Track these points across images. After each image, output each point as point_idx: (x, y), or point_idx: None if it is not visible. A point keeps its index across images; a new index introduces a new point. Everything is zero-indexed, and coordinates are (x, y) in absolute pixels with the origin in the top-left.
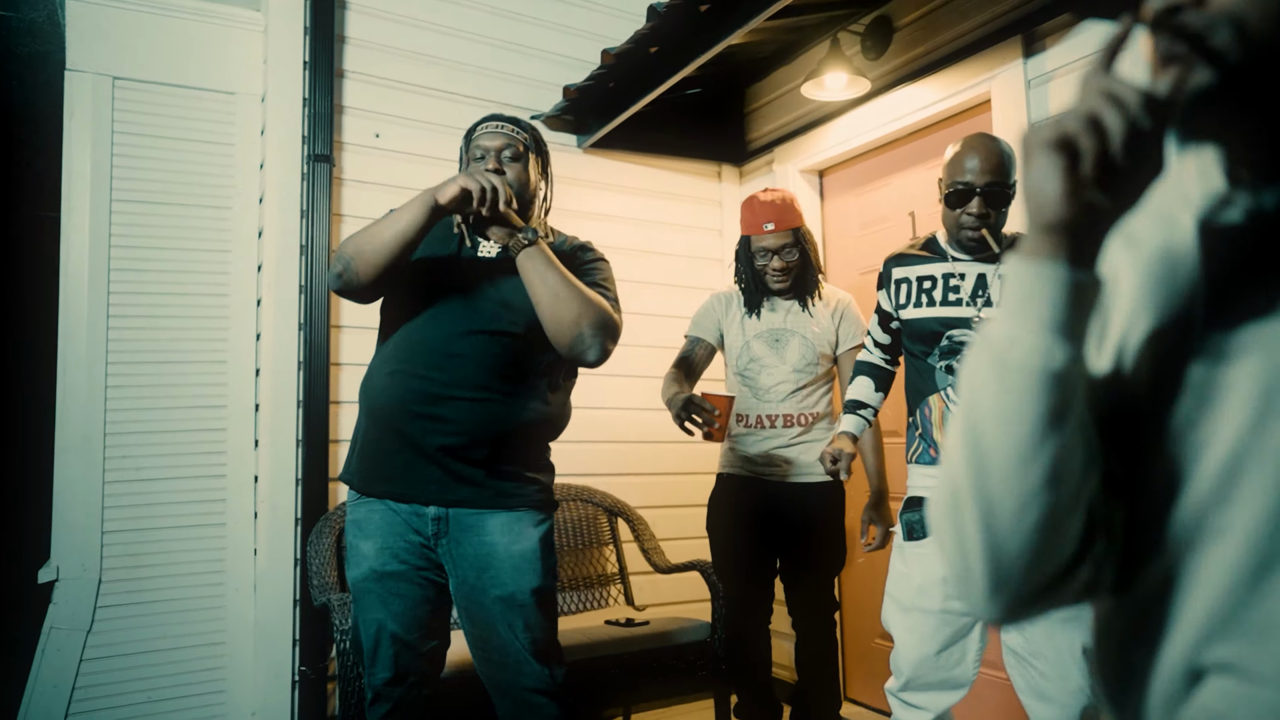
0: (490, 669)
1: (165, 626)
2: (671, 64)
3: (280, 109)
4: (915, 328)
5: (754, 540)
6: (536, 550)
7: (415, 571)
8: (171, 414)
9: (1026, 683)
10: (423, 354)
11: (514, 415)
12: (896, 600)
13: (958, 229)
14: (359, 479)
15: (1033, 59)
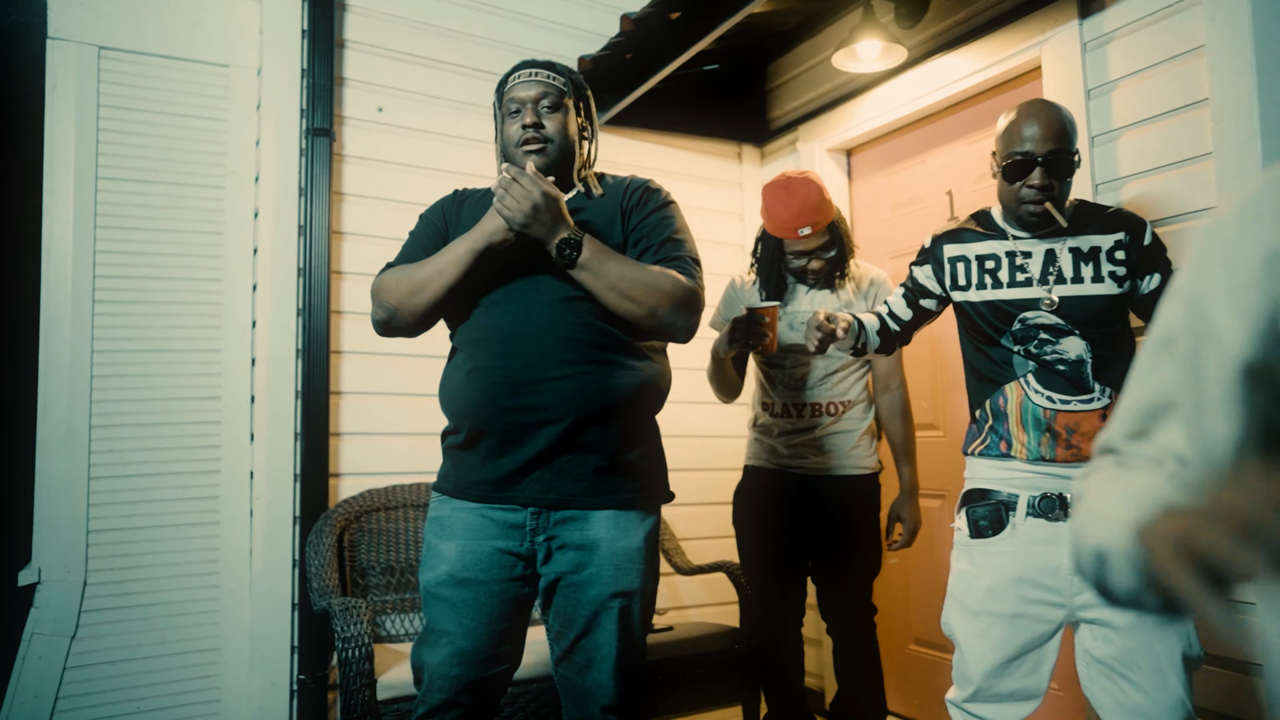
0: (569, 670)
1: (155, 632)
2: (694, 31)
3: (277, 80)
4: (983, 312)
5: (784, 537)
6: (641, 549)
7: (497, 583)
8: (162, 405)
9: (1116, 699)
10: (499, 342)
11: (613, 383)
12: (962, 604)
13: (1018, 204)
14: (453, 483)
15: (1089, 19)
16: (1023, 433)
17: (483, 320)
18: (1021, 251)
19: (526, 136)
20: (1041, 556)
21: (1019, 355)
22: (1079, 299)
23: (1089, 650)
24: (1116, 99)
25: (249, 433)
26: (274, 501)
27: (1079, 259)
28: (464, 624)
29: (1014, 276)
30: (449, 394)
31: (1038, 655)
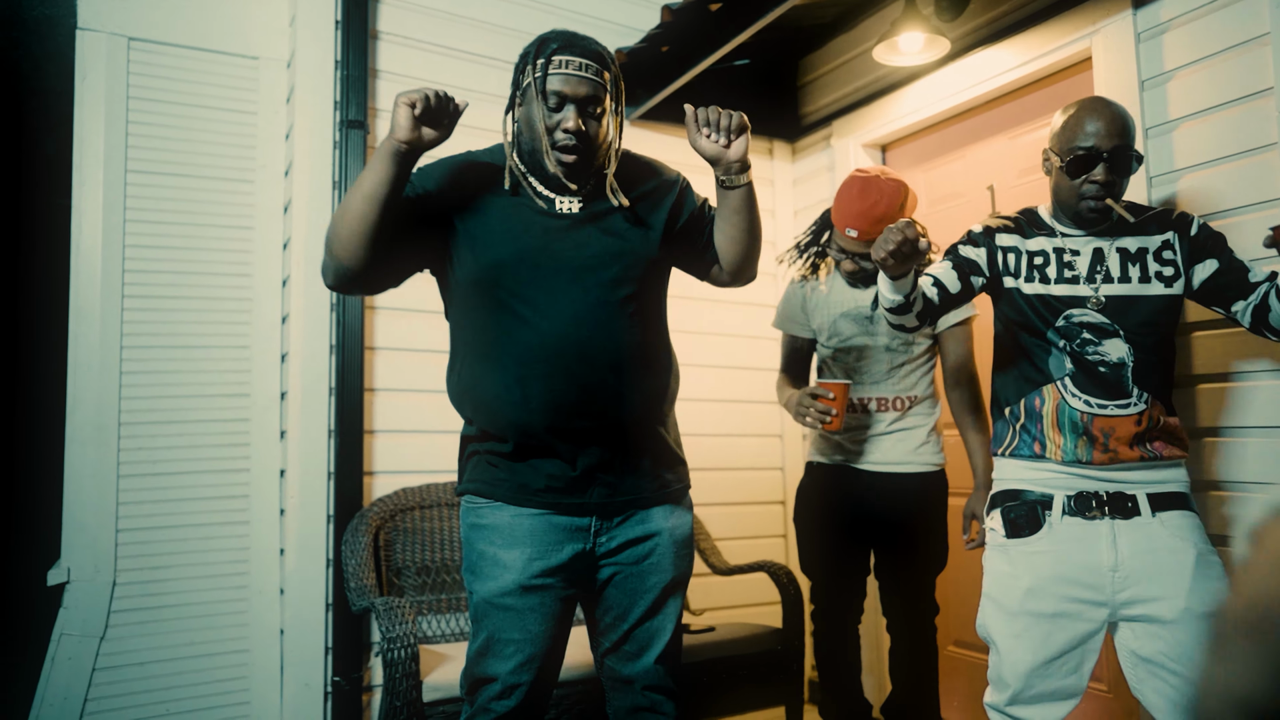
0: (618, 660)
1: (184, 633)
2: (734, 23)
3: (310, 71)
4: (1031, 303)
5: (846, 534)
6: (692, 536)
7: (561, 587)
8: (191, 402)
9: (1169, 698)
10: (554, 348)
11: (661, 383)
12: (1000, 604)
13: (1078, 199)
14: (508, 490)
15: (1144, 9)
16: (1059, 435)
17: (528, 325)
18: (1070, 249)
19: (568, 144)
20: (1081, 554)
21: (1060, 351)
22: (1126, 299)
23: (1134, 650)
24: (1172, 90)
25: (279, 430)
26: (307, 500)
27: (1126, 259)
28: (531, 630)
29: (1061, 273)
30: (491, 402)
31: (1079, 654)
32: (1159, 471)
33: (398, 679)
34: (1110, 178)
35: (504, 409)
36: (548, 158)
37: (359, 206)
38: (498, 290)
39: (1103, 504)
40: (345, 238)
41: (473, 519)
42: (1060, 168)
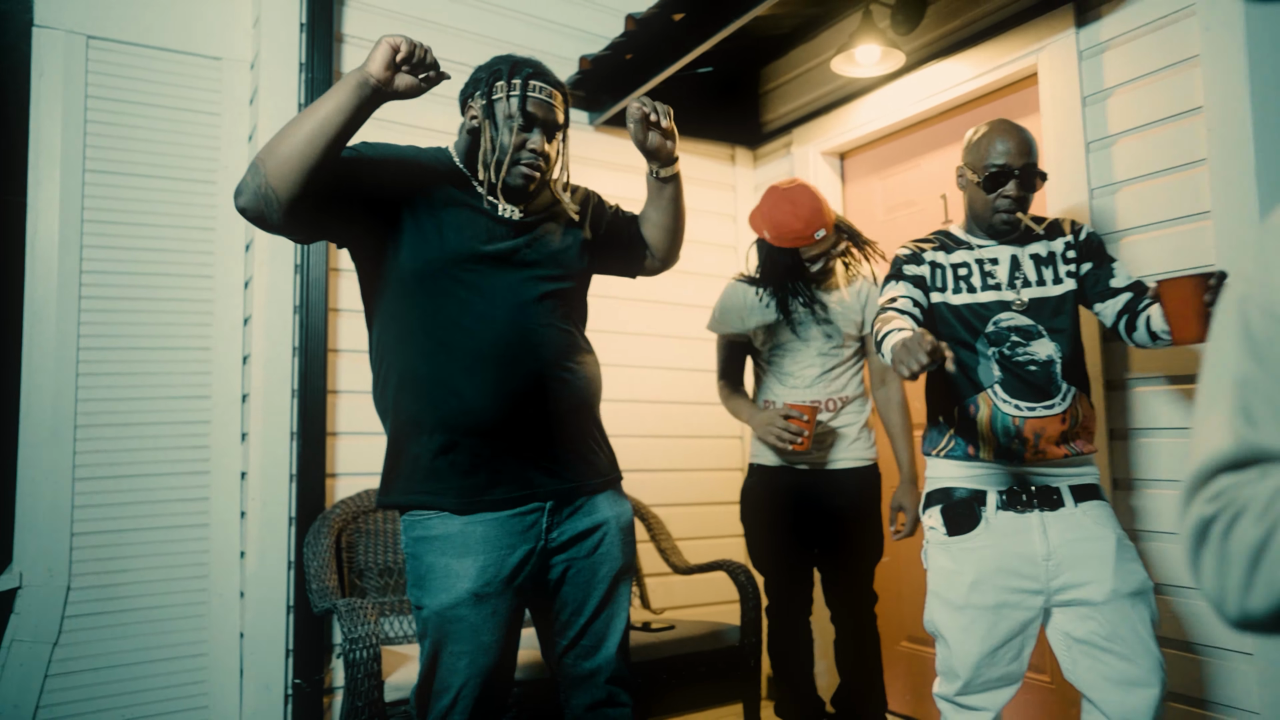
0: (576, 656)
1: (141, 637)
2: (696, 34)
3: (274, 73)
4: (960, 314)
5: (791, 531)
6: (633, 523)
7: (514, 593)
8: (150, 404)
9: (1102, 674)
10: (509, 342)
11: (592, 373)
12: (946, 599)
13: (992, 212)
14: (452, 497)
15: (1086, 28)
16: (991, 440)
17: (475, 318)
18: (989, 259)
19: (534, 162)
20: (1016, 546)
21: (990, 359)
22: (1044, 299)
23: (1069, 633)
24: (1112, 106)
25: (240, 432)
26: (268, 502)
27: (1039, 263)
28: (483, 641)
29: (985, 281)
30: (436, 397)
31: (1020, 641)
32: (1079, 466)
33: (360, 679)
34: (1021, 193)
35: (454, 399)
36: (510, 171)
37: (308, 129)
38: (445, 283)
39: (1032, 498)
40: (283, 158)
41: (420, 531)
42: (977, 183)
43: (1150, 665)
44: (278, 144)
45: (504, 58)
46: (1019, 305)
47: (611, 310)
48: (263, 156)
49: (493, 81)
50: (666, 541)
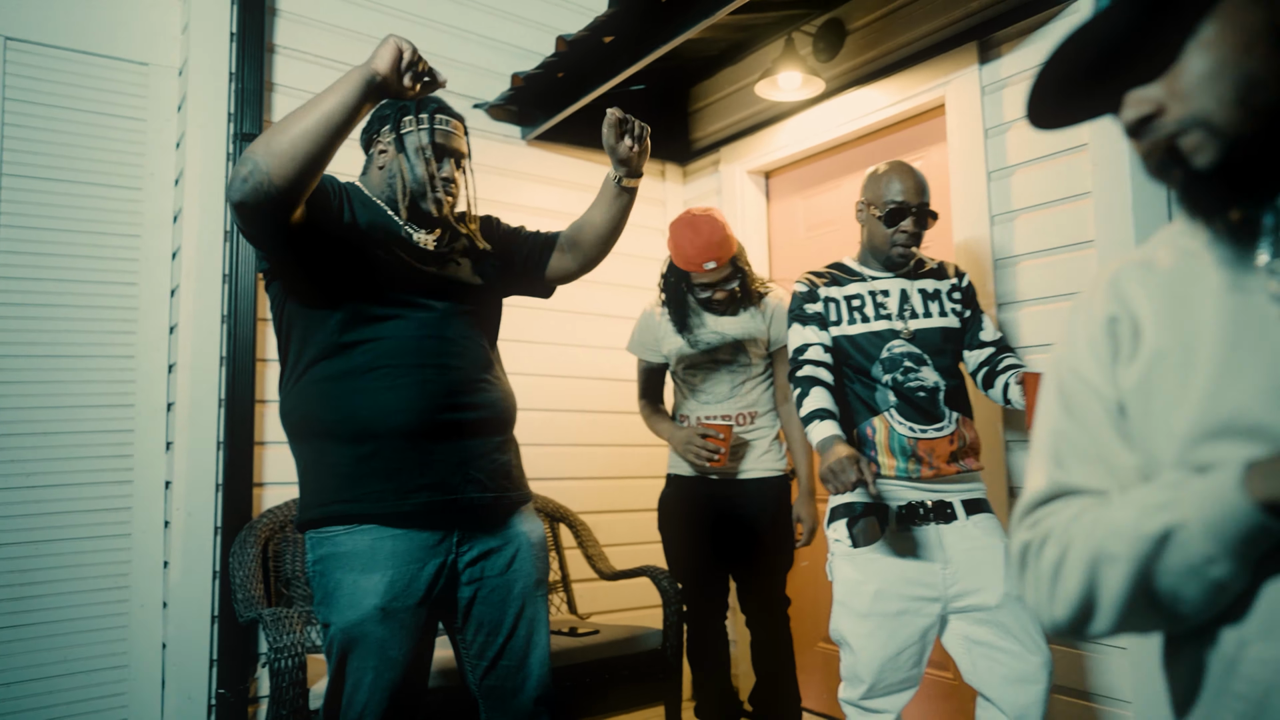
0: (497, 678)
1: (59, 650)
2: (626, 56)
3: (203, 82)
4: (856, 343)
5: (706, 538)
6: (544, 539)
7: (423, 607)
8: (71, 413)
9: (998, 673)
10: (428, 352)
11: (508, 389)
12: (851, 608)
13: (890, 245)
14: (374, 503)
15: (988, 65)
16: (891, 458)
17: (396, 332)
18: (880, 291)
19: (449, 190)
20: (916, 557)
21: (885, 385)
22: (930, 330)
23: (967, 636)
24: (1011, 138)
25: (165, 441)
26: (194, 511)
27: (926, 298)
28: (391, 656)
29: (878, 311)
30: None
31: (920, 646)
32: (969, 482)
33: (285, 688)
34: (916, 229)
35: (373, 408)
36: (427, 200)
37: (312, 122)
38: (368, 301)
39: (928, 512)
40: (284, 149)
41: (327, 549)
42: (879, 217)
43: (1040, 662)
44: (277, 136)
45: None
46: (906, 334)
47: (541, 321)
48: (258, 150)
49: (400, 116)
50: (594, 548)
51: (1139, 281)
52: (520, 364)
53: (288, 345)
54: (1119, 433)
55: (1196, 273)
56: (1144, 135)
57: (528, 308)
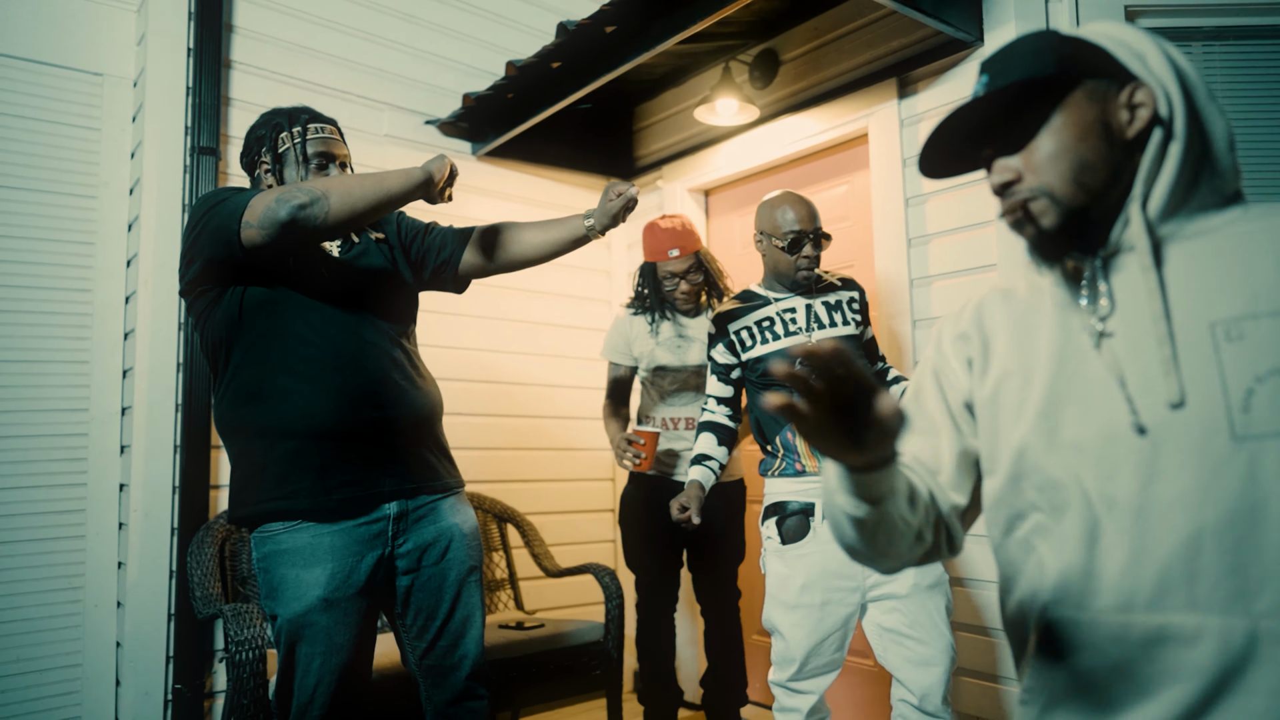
0: (435, 658)
1: (13, 649)
2: (573, 81)
3: (160, 96)
4: (769, 361)
5: (664, 534)
6: (477, 528)
7: (364, 596)
8: (24, 418)
9: (904, 657)
10: (346, 354)
11: (431, 389)
12: (780, 600)
13: (795, 270)
14: (304, 498)
15: (906, 100)
16: (812, 460)
17: (316, 336)
18: (787, 310)
19: None
20: (838, 552)
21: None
22: (838, 339)
23: (879, 623)
24: None
25: (119, 444)
26: (150, 513)
27: (830, 310)
28: (336, 641)
29: (788, 329)
30: (287, 406)
31: (842, 633)
32: None
33: (245, 679)
34: (815, 252)
35: (299, 407)
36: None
37: (376, 192)
38: (288, 312)
39: None
40: (351, 199)
41: (270, 547)
42: (781, 247)
43: (942, 647)
44: (350, 189)
45: (275, 112)
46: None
47: (490, 329)
48: (332, 191)
49: (275, 135)
50: (540, 547)
51: (1000, 307)
52: (468, 371)
53: (216, 354)
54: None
55: (1041, 305)
56: (1005, 196)
57: (477, 317)
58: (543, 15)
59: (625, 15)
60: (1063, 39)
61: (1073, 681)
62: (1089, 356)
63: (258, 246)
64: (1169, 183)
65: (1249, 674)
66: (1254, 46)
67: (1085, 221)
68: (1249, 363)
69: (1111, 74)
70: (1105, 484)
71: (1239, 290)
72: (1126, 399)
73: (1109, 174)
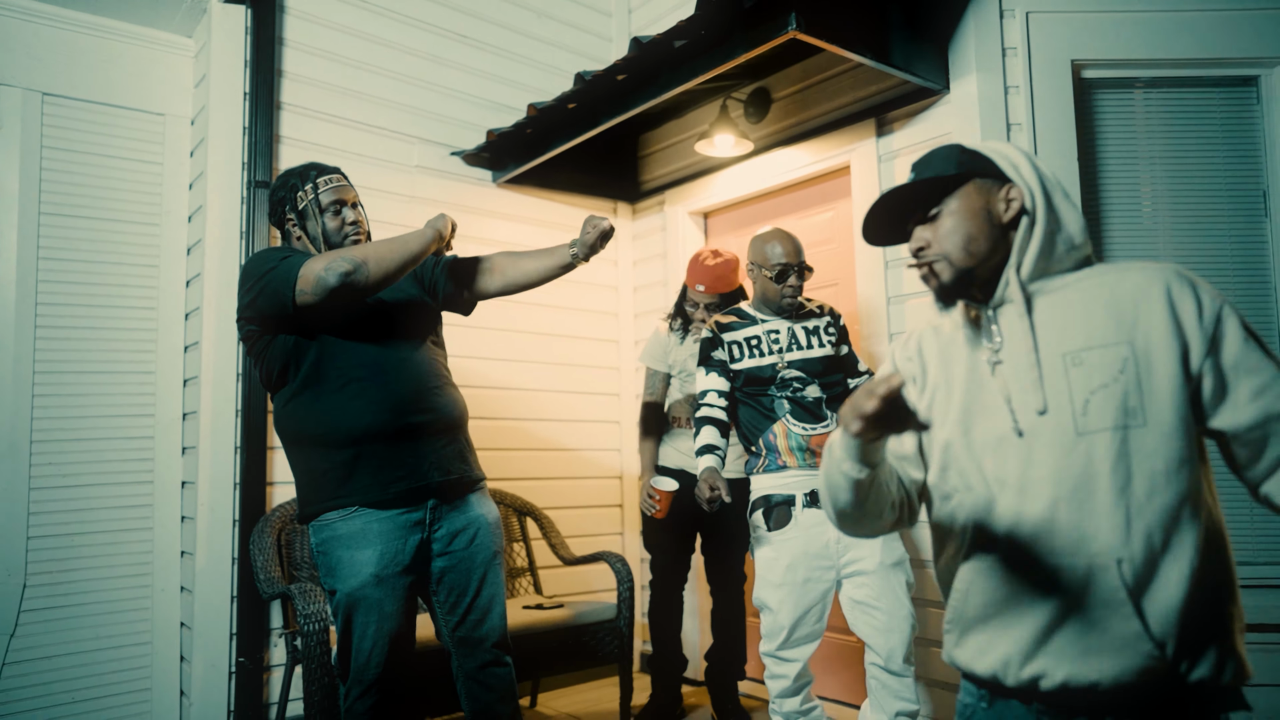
0: (465, 630)
1: (91, 628)
2: (586, 121)
3: (220, 135)
4: (754, 374)
5: (684, 521)
6: (499, 518)
7: (407, 573)
8: (99, 422)
9: (872, 625)
10: (388, 370)
11: (459, 396)
12: (768, 580)
13: (781, 297)
14: (362, 495)
15: (884, 138)
16: (792, 456)
17: (366, 360)
18: (772, 331)
19: (356, 232)
20: (817, 536)
21: (780, 399)
22: (811, 359)
23: (851, 596)
24: None
25: (181, 446)
26: (215, 507)
27: (808, 334)
28: (387, 610)
29: (770, 348)
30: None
31: (821, 607)
32: None
33: (313, 646)
34: (799, 282)
35: (354, 421)
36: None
37: (401, 254)
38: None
39: None
40: (385, 263)
41: (328, 533)
42: (770, 277)
43: (903, 615)
44: (383, 255)
45: (288, 173)
46: (783, 365)
47: (512, 342)
48: (369, 259)
49: (293, 194)
50: (556, 538)
51: (932, 340)
52: (494, 379)
53: (273, 379)
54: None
55: (958, 340)
56: (918, 257)
57: (502, 330)
58: (557, 54)
59: (636, 67)
60: (965, 150)
61: (978, 611)
62: (987, 379)
63: (310, 306)
64: (1033, 255)
65: (1085, 598)
66: (1184, 93)
67: (972, 279)
68: (1086, 381)
69: (996, 176)
70: (998, 470)
71: (1080, 329)
72: (1010, 410)
73: (990, 246)
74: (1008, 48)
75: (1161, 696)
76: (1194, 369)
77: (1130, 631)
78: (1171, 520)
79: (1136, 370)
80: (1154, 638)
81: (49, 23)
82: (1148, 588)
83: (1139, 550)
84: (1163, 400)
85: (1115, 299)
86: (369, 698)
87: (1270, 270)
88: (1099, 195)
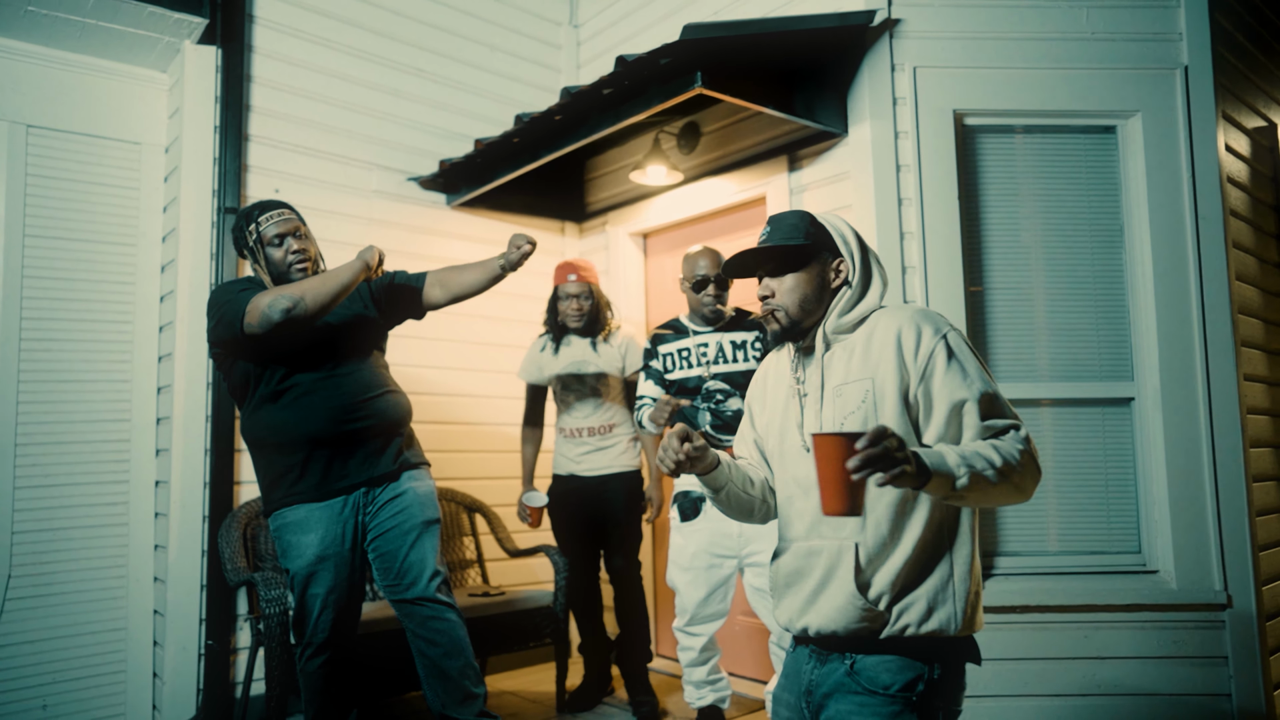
0: (400, 592)
1: (71, 615)
2: (529, 154)
3: (193, 165)
4: (682, 384)
5: (582, 519)
6: (433, 491)
7: (349, 552)
8: (79, 426)
9: (767, 609)
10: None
11: (401, 400)
12: (678, 564)
13: (701, 305)
14: (315, 491)
15: (795, 173)
16: None
17: (321, 372)
18: (701, 344)
19: (301, 261)
20: (721, 529)
21: (703, 410)
22: (735, 372)
23: (751, 584)
24: None
25: (155, 449)
26: (186, 504)
27: (735, 347)
28: (331, 584)
29: (699, 360)
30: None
31: (724, 589)
32: None
33: (274, 628)
34: (718, 292)
35: (306, 428)
36: (291, 272)
37: (334, 287)
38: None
39: None
40: (321, 296)
41: (279, 522)
42: (690, 286)
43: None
44: (319, 290)
45: (239, 214)
46: (709, 375)
47: (460, 352)
48: (307, 294)
49: (242, 233)
50: (502, 531)
51: (772, 368)
52: (443, 386)
53: (238, 391)
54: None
55: (783, 371)
56: (764, 302)
57: (451, 341)
58: (510, 85)
59: (570, 111)
60: (812, 220)
61: (783, 579)
62: (793, 405)
63: (257, 336)
64: (838, 315)
65: (837, 569)
66: (1054, 138)
67: (799, 328)
68: (843, 408)
69: (831, 248)
70: (798, 474)
71: (845, 368)
72: (801, 432)
73: (818, 305)
74: (898, 97)
75: (888, 641)
76: (911, 396)
77: (855, 594)
78: (896, 514)
79: (874, 398)
80: (870, 600)
81: (34, 61)
82: (876, 563)
83: (871, 536)
84: (890, 421)
85: (869, 342)
86: (319, 657)
87: (1125, 291)
88: (980, 226)
